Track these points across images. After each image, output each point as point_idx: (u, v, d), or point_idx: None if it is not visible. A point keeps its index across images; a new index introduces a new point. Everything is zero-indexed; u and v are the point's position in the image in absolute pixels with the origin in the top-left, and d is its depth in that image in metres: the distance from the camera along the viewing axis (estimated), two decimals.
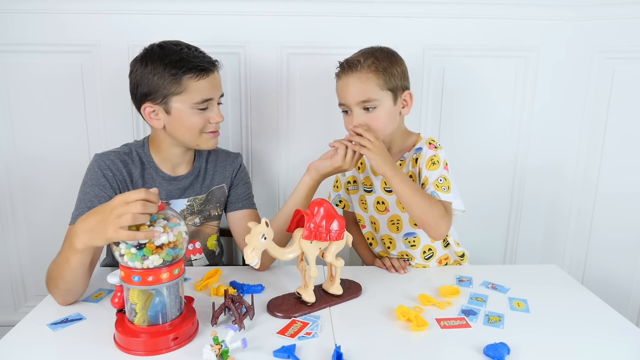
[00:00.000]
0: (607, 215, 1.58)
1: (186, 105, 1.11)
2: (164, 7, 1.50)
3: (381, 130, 1.14)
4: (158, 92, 1.10)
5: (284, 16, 1.54)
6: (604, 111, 1.54)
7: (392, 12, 1.55)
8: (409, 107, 1.19)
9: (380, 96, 1.12)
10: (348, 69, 1.14)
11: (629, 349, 0.88)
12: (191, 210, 1.25)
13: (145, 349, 0.83)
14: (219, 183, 1.29)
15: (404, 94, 1.17)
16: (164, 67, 1.09)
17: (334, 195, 1.39)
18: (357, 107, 1.14)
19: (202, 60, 1.11)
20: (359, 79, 1.12)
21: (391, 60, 1.15)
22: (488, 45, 1.59)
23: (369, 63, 1.13)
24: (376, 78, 1.12)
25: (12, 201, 1.63)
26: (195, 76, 1.10)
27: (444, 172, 1.15)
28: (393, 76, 1.13)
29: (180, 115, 1.12)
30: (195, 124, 1.13)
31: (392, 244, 1.28)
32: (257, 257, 0.88)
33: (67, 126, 1.58)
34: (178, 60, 1.09)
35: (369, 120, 1.13)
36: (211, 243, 1.31)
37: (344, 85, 1.15)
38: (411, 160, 1.20)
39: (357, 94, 1.13)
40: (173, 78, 1.09)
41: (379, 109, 1.13)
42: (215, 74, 1.15)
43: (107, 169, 1.14)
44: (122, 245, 0.81)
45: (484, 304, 1.03)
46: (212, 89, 1.13)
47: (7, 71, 1.53)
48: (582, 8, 1.55)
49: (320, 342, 0.88)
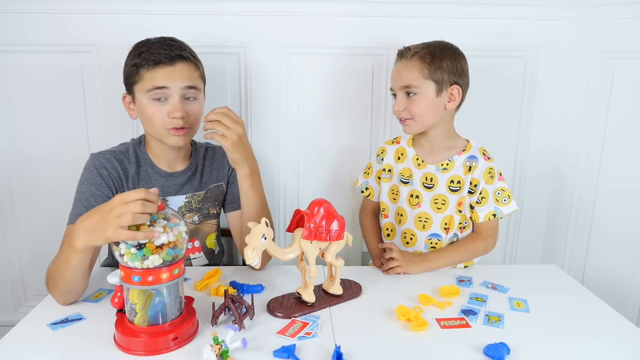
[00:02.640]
0: (607, 216, 1.58)
1: (143, 95, 1.13)
2: (164, 7, 1.50)
3: (418, 116, 1.20)
4: (127, 82, 1.16)
5: (284, 16, 1.54)
6: (604, 111, 1.54)
7: (392, 12, 1.55)
8: (454, 102, 1.22)
9: (421, 84, 1.18)
10: (399, 56, 1.23)
11: (629, 349, 0.88)
12: (189, 207, 1.25)
13: (145, 349, 0.83)
14: (217, 181, 1.29)
15: (450, 88, 1.20)
16: (131, 58, 1.14)
17: (362, 181, 1.41)
18: (400, 92, 1.21)
19: (162, 52, 1.11)
20: (405, 65, 1.20)
21: (444, 54, 1.19)
22: (488, 45, 1.59)
23: (419, 52, 1.19)
24: (420, 67, 1.18)
25: (12, 200, 1.63)
26: (150, 66, 1.11)
27: (500, 184, 1.23)
28: (440, 69, 1.18)
29: (141, 106, 1.14)
30: (152, 116, 1.12)
31: (412, 240, 1.29)
32: (258, 257, 0.88)
33: (67, 126, 1.58)
34: (142, 52, 1.12)
35: (408, 104, 1.20)
36: (210, 242, 1.31)
37: (394, 70, 1.24)
38: (463, 166, 1.23)
39: (401, 79, 1.20)
40: (134, 67, 1.12)
41: (419, 97, 1.19)
42: (178, 66, 1.12)
43: (103, 167, 1.14)
44: (122, 245, 0.81)
45: (484, 304, 1.03)
46: (167, 78, 1.11)
47: (7, 71, 1.53)
48: (582, 8, 1.55)
49: (320, 342, 0.88)
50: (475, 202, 1.23)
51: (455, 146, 1.26)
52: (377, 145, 1.65)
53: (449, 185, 1.24)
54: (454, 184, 1.24)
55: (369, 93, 1.63)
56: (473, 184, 1.22)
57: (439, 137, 1.26)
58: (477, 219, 1.24)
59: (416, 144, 1.31)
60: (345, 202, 1.55)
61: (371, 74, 1.61)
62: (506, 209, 1.23)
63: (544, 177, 1.72)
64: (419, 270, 1.18)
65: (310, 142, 1.66)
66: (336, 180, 1.68)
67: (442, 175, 1.25)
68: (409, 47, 1.21)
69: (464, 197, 1.23)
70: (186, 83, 1.13)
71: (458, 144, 1.27)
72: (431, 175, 1.25)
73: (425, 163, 1.27)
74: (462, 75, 1.21)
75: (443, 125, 1.25)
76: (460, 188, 1.23)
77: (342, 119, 1.65)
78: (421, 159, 1.28)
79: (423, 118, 1.21)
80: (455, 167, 1.24)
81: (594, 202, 1.61)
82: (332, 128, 1.65)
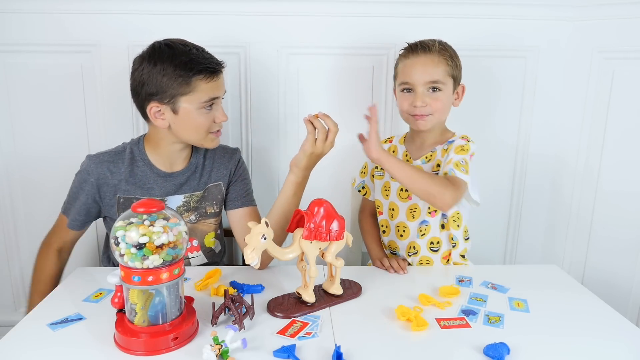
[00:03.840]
0: (607, 216, 1.58)
1: (194, 106, 1.13)
2: (164, 7, 1.50)
3: (438, 112, 1.20)
4: (166, 92, 1.10)
5: (284, 16, 1.54)
6: (604, 111, 1.54)
7: (392, 12, 1.55)
8: (459, 100, 1.25)
9: (446, 81, 1.19)
10: (421, 50, 1.20)
11: (629, 349, 0.88)
12: (187, 207, 1.25)
13: (145, 349, 0.83)
14: (216, 180, 1.29)
15: (458, 87, 1.24)
16: (174, 68, 1.09)
17: (359, 180, 1.44)
18: (423, 87, 1.19)
19: (210, 62, 1.13)
20: (431, 60, 1.18)
21: (454, 52, 1.22)
22: (488, 45, 1.59)
23: (441, 47, 1.19)
24: (445, 63, 1.19)
25: (12, 201, 1.63)
26: (204, 78, 1.11)
27: (467, 157, 1.19)
28: (457, 66, 1.21)
29: (187, 116, 1.13)
30: (202, 124, 1.15)
31: (405, 233, 1.30)
32: (257, 257, 0.88)
33: (67, 126, 1.58)
34: (188, 62, 1.09)
35: (431, 100, 1.19)
36: (209, 241, 1.31)
37: (412, 64, 1.20)
38: (442, 151, 1.24)
39: (428, 74, 1.18)
40: (183, 79, 1.09)
41: (443, 93, 1.19)
42: (221, 74, 1.17)
43: (87, 173, 1.19)
44: (122, 245, 0.81)
45: (484, 304, 1.03)
46: (218, 88, 1.16)
47: (7, 71, 1.53)
48: (582, 8, 1.55)
49: (320, 342, 0.88)
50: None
51: (443, 140, 1.27)
52: None
53: (432, 172, 1.24)
54: (436, 167, 1.24)
55: (369, 93, 1.63)
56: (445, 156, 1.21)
57: (434, 133, 1.27)
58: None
59: (408, 141, 1.33)
60: (345, 202, 1.55)
61: (371, 74, 1.61)
62: (461, 175, 1.13)
63: (544, 176, 1.72)
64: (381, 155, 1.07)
65: None
66: (336, 180, 1.68)
67: (426, 166, 1.27)
68: (427, 41, 1.20)
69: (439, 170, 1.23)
70: (225, 89, 1.20)
71: (445, 137, 1.28)
72: (418, 167, 1.25)
73: (411, 159, 1.29)
74: (461, 73, 1.25)
75: (442, 122, 1.27)
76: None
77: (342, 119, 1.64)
78: (409, 155, 1.30)
79: (442, 114, 1.22)
80: (436, 155, 1.25)
81: (594, 202, 1.61)
82: None
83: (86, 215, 1.23)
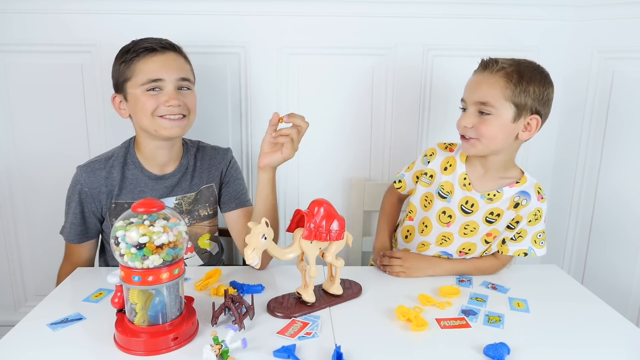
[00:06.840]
0: (607, 216, 1.58)
1: (137, 89, 1.13)
2: (164, 7, 1.50)
3: (486, 139, 1.08)
4: (118, 82, 1.16)
5: (284, 16, 1.54)
6: (604, 111, 1.54)
7: (392, 12, 1.54)
8: (530, 133, 1.09)
9: (500, 105, 1.05)
10: (483, 67, 1.10)
11: (629, 349, 0.88)
12: (179, 209, 1.24)
13: (145, 349, 0.83)
14: (208, 182, 1.28)
15: (530, 117, 1.08)
16: (120, 56, 1.15)
17: (402, 172, 1.31)
18: (473, 106, 1.09)
19: (153, 42, 1.13)
20: (487, 79, 1.07)
21: (533, 77, 1.06)
22: (488, 45, 1.58)
23: (506, 68, 1.06)
24: (504, 85, 1.05)
25: (12, 201, 1.63)
26: (142, 57, 1.12)
27: (543, 226, 1.17)
28: (525, 92, 1.05)
29: (135, 101, 1.14)
30: (147, 106, 1.13)
31: (424, 247, 1.24)
32: (258, 258, 0.88)
33: (67, 126, 1.58)
34: (130, 47, 1.14)
35: (478, 123, 1.08)
36: (203, 242, 1.30)
37: (472, 81, 1.12)
38: (511, 200, 1.14)
39: (478, 93, 1.08)
40: (125, 64, 1.13)
41: (494, 117, 1.06)
42: (169, 55, 1.14)
43: (79, 184, 1.19)
44: (122, 245, 0.81)
45: (483, 304, 1.03)
46: (160, 69, 1.12)
47: (7, 71, 1.53)
48: (582, 8, 1.55)
49: (320, 342, 0.88)
50: (511, 238, 1.18)
51: (509, 177, 1.15)
52: (377, 145, 1.65)
53: (486, 216, 1.15)
54: (492, 215, 1.15)
55: (369, 93, 1.63)
56: (515, 220, 1.15)
57: (496, 166, 1.14)
58: (506, 251, 1.18)
59: (469, 163, 1.18)
60: (345, 202, 1.55)
61: (371, 74, 1.61)
62: (540, 251, 1.18)
63: (544, 176, 1.72)
64: (420, 275, 1.17)
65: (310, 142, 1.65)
66: (336, 180, 1.68)
67: (485, 205, 1.15)
68: (496, 59, 1.08)
69: (498, 231, 1.16)
70: (180, 74, 1.15)
71: (512, 174, 1.16)
72: (473, 201, 1.15)
73: (471, 187, 1.15)
74: (545, 105, 1.09)
75: (506, 155, 1.13)
76: (496, 220, 1.15)
77: (342, 119, 1.65)
78: (469, 180, 1.16)
79: (491, 142, 1.08)
80: (502, 199, 1.14)
81: (594, 201, 1.61)
82: (332, 128, 1.65)
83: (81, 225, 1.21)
